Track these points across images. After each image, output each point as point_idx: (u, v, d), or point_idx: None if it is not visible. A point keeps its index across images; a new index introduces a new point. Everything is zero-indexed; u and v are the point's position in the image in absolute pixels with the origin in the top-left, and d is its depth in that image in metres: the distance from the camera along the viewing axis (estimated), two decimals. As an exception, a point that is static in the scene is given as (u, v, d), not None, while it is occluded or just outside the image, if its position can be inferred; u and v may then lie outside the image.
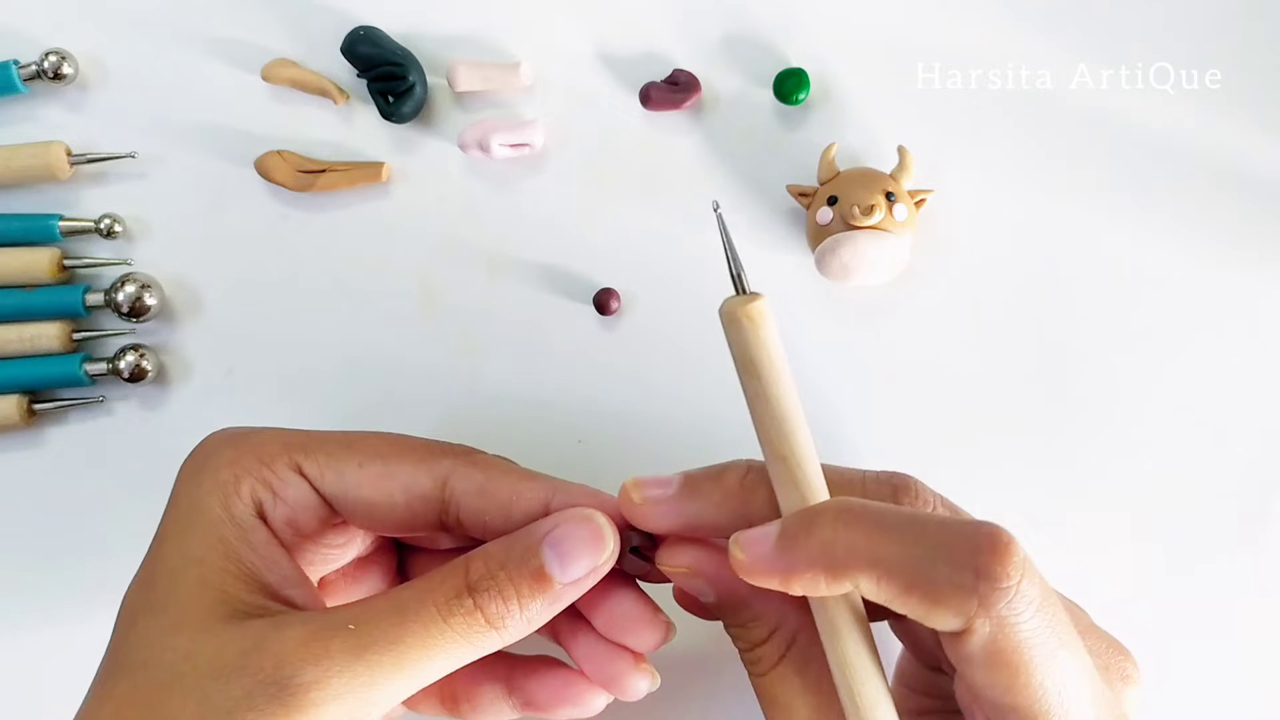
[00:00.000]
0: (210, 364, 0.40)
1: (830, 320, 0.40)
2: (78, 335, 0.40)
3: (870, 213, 0.36)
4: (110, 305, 0.39)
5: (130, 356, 0.39)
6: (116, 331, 0.40)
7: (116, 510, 0.40)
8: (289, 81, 0.40)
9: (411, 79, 0.39)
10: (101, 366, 0.39)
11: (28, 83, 0.40)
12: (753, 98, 0.40)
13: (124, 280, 0.39)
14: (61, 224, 0.39)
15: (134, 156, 0.40)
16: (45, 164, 0.39)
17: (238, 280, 0.40)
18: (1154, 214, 0.39)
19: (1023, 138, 0.39)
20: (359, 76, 0.40)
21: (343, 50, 0.39)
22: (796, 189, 0.39)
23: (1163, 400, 0.39)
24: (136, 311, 0.39)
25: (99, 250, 0.40)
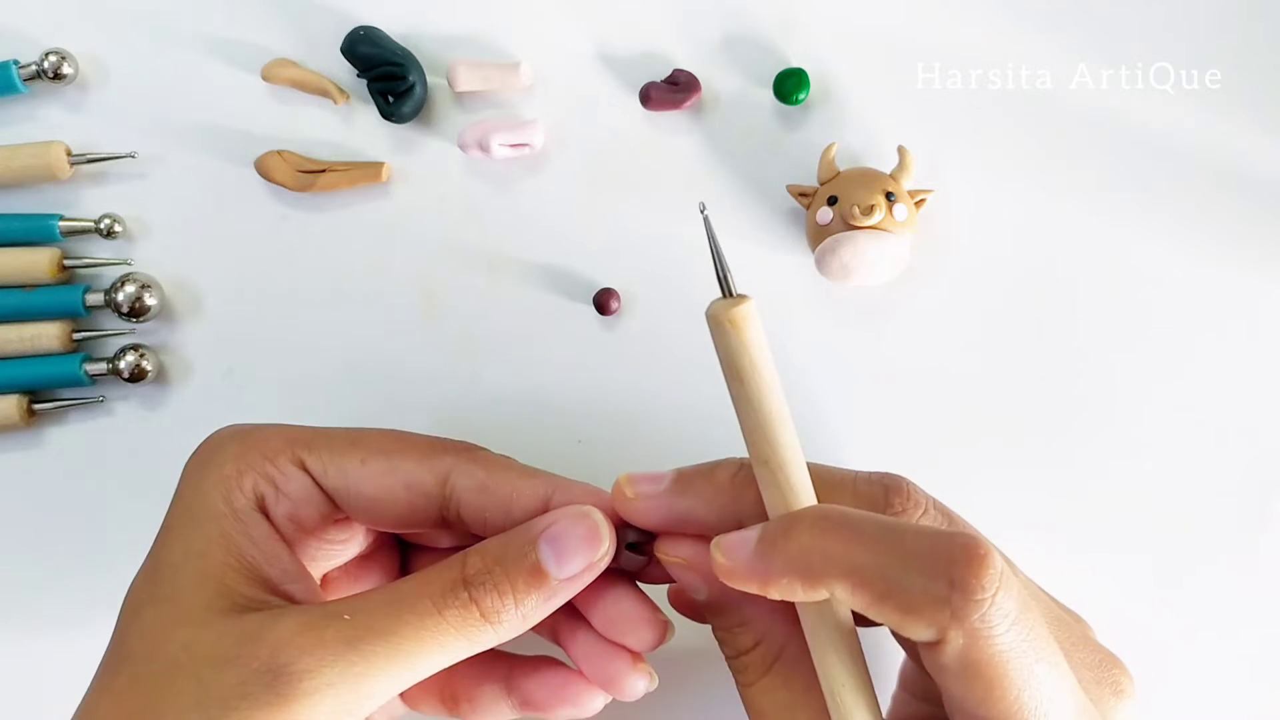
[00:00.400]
0: (210, 364, 0.40)
1: (830, 320, 0.40)
2: (78, 335, 0.40)
3: (870, 213, 0.36)
4: (110, 305, 0.39)
5: (130, 356, 0.39)
6: (116, 331, 0.40)
7: (116, 510, 0.40)
8: (289, 81, 0.40)
9: (411, 79, 0.39)
10: (101, 366, 0.39)
11: (28, 83, 0.40)
12: (753, 98, 0.40)
13: (124, 280, 0.39)
14: (61, 224, 0.39)
15: (134, 156, 0.40)
16: (45, 164, 0.39)
17: (238, 280, 0.40)
18: (1154, 214, 0.39)
19: (1023, 138, 0.39)
20: (359, 76, 0.40)
21: (343, 50, 0.39)
22: (796, 189, 0.39)
23: (1162, 400, 0.39)
24: (136, 311, 0.39)
25: (99, 250, 0.40)
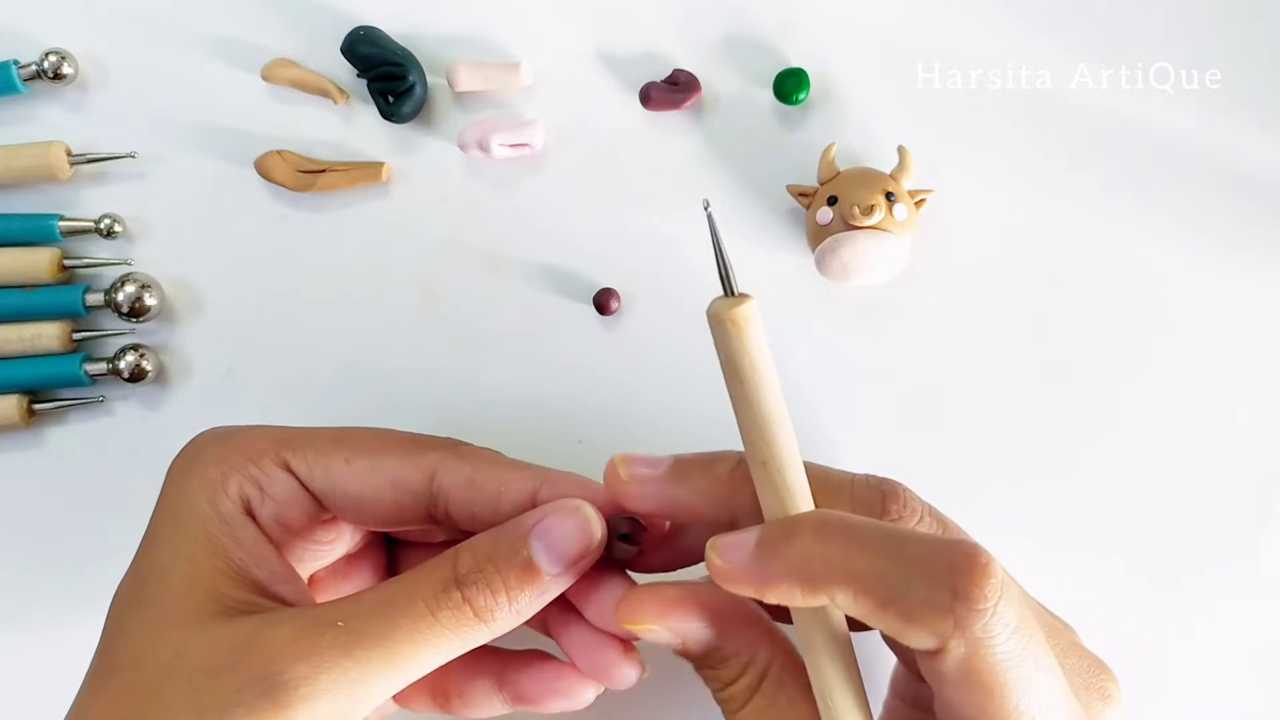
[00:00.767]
0: (210, 364, 0.40)
1: (830, 320, 0.40)
2: (78, 335, 0.40)
3: (870, 213, 0.36)
4: (110, 305, 0.39)
5: (130, 356, 0.39)
6: (116, 331, 0.40)
7: (116, 510, 0.40)
8: (289, 81, 0.40)
9: (411, 79, 0.39)
10: (101, 366, 0.39)
11: (28, 83, 0.40)
12: (753, 98, 0.40)
13: (124, 280, 0.39)
14: (61, 224, 0.39)
15: (134, 156, 0.40)
16: (45, 164, 0.39)
17: (238, 280, 0.40)
18: (1154, 214, 0.39)
19: (1023, 138, 0.39)
20: (359, 76, 0.40)
21: (343, 50, 0.39)
22: (796, 189, 0.39)
23: (1162, 401, 0.39)
24: (136, 311, 0.39)
25: (99, 250, 0.40)
